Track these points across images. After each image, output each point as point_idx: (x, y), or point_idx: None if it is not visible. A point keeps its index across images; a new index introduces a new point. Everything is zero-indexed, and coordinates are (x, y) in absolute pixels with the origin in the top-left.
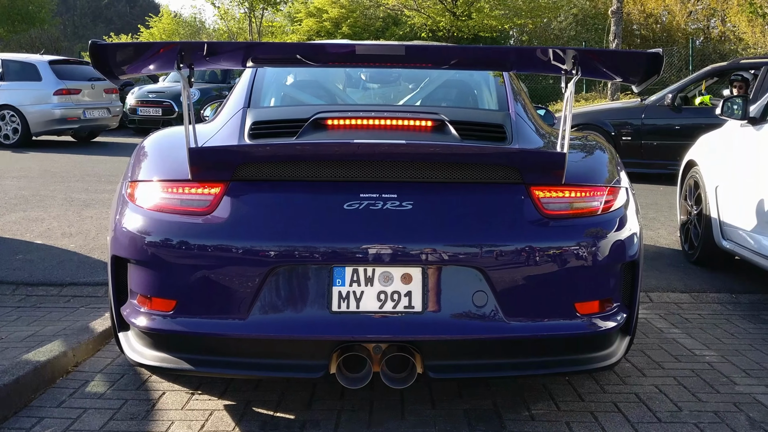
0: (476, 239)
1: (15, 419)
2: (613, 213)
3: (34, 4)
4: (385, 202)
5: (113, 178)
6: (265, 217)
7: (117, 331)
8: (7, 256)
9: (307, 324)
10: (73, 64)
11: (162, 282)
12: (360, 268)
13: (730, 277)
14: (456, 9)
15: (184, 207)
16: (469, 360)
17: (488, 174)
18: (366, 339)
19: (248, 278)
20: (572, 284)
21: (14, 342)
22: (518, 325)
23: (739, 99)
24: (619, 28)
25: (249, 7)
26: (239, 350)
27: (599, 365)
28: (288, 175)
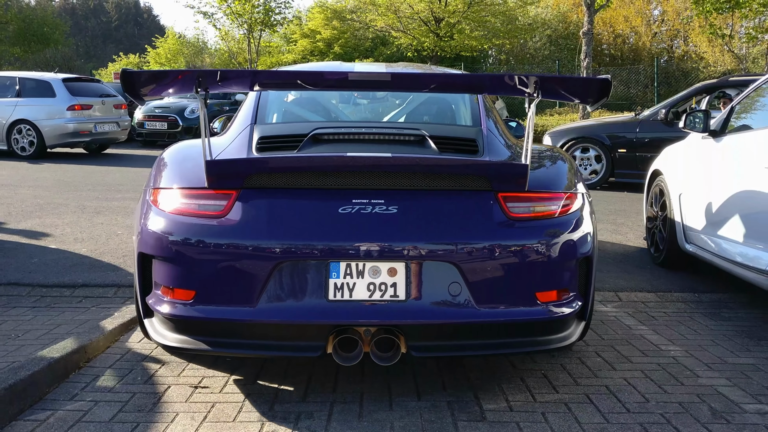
0: (451, 238)
1: (30, 411)
2: (569, 215)
3: (48, 26)
4: (374, 206)
5: (122, 187)
6: (272, 220)
7: (142, 318)
8: (23, 260)
9: (308, 311)
10: (85, 81)
11: (183, 275)
12: (352, 263)
13: (693, 278)
14: (439, 30)
15: (202, 211)
16: (446, 341)
17: (462, 182)
18: (358, 323)
19: (257, 272)
20: (533, 276)
21: (30, 339)
22: (487, 311)
23: (700, 113)
24: (590, 48)
25: (248, 29)
26: (249, 333)
27: (557, 345)
28: (291, 183)
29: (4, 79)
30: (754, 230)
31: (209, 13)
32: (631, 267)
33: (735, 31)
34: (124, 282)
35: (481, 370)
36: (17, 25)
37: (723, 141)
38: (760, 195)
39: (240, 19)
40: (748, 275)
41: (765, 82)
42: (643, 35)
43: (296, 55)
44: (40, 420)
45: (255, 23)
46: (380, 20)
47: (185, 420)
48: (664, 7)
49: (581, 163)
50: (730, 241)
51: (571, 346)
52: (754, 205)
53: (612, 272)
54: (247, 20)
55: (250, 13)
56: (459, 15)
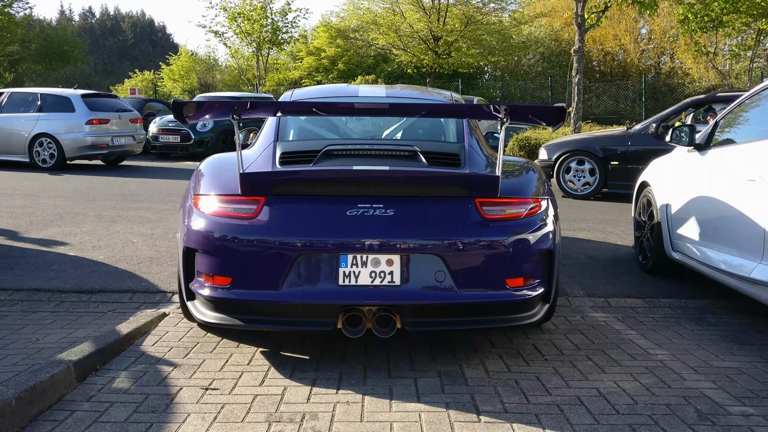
0: (437, 235)
1: (50, 412)
2: (534, 217)
3: (68, 44)
4: (375, 209)
5: (138, 197)
6: (293, 221)
7: (185, 301)
8: (44, 267)
9: (322, 293)
10: (102, 97)
11: (221, 265)
12: (358, 255)
13: (679, 285)
14: (437, 48)
15: (236, 213)
16: (433, 318)
17: (446, 190)
18: (362, 304)
19: (281, 262)
20: (504, 266)
21: (50, 343)
22: (466, 294)
23: (686, 128)
24: (580, 65)
25: (256, 47)
26: (274, 311)
27: (524, 323)
28: (308, 191)
29: (26, 95)
30: (737, 239)
31: (220, 32)
32: (621, 274)
33: (719, 49)
34: (139, 288)
35: (477, 368)
36: (39, 43)
37: (708, 154)
38: (743, 206)
39: (249, 38)
40: (731, 282)
41: (747, 98)
42: (631, 52)
43: (302, 72)
44: (58, 420)
45: (263, 42)
46: (382, 39)
47: (196, 420)
48: (651, 26)
49: (576, 175)
50: (715, 250)
51: (539, 324)
52: (737, 215)
53: (602, 279)
54: (255, 39)
55: (259, 32)
56: (456, 34)
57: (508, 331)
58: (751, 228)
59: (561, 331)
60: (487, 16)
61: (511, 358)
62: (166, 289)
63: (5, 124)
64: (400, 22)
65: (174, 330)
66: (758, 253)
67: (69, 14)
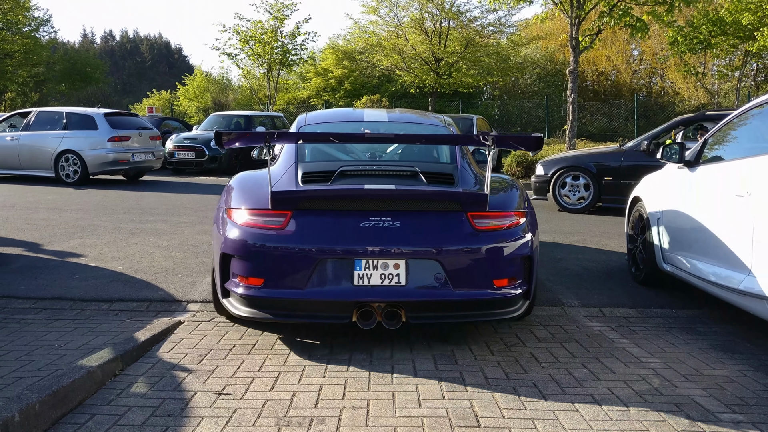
0: (435, 243)
1: (71, 415)
2: (516, 228)
3: (90, 66)
4: (384, 222)
5: (155, 210)
6: (315, 231)
7: (221, 298)
8: (66, 277)
9: (340, 292)
10: (124, 115)
11: (255, 268)
12: (370, 260)
13: (670, 295)
14: (439, 69)
15: (267, 225)
16: (432, 313)
17: (443, 206)
18: (373, 301)
19: (306, 266)
20: (491, 269)
21: (71, 349)
22: (460, 292)
23: (676, 145)
24: (575, 85)
25: (267, 68)
26: (300, 307)
27: (509, 316)
28: (328, 206)
29: (53, 114)
30: (726, 252)
31: (233, 54)
32: (614, 284)
33: (707, 69)
34: (156, 297)
35: (476, 375)
36: (63, 65)
37: (697, 171)
38: (731, 220)
39: (260, 60)
40: (721, 293)
41: (735, 117)
42: (623, 73)
43: (310, 91)
44: (79, 423)
45: (274, 63)
46: (386, 60)
47: (210, 424)
48: (642, 48)
49: (571, 189)
50: (705, 262)
51: (521, 317)
52: (726, 229)
53: (596, 289)
54: (266, 60)
55: (270, 54)
56: (457, 55)
57: (506, 340)
58: (739, 241)
59: (557, 339)
60: (486, 38)
61: (509, 365)
62: (181, 298)
63: (33, 141)
64: (404, 44)
65: (188, 337)
66: (746, 265)
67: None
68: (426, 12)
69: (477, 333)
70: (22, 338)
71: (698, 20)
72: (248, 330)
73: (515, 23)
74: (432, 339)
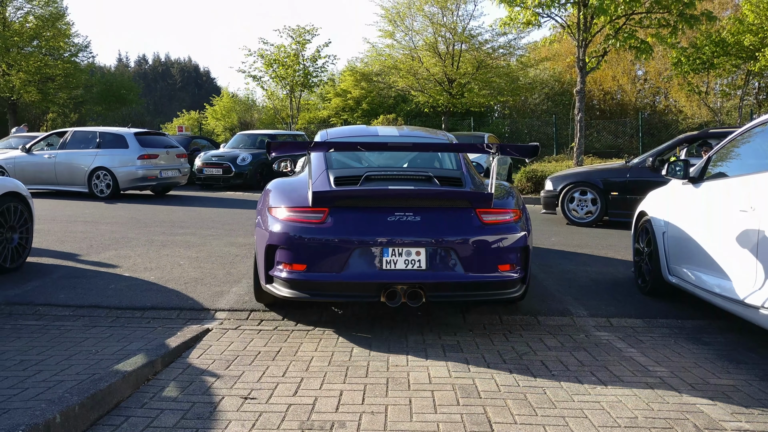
0: (450, 235)
1: (108, 417)
2: (516, 223)
3: (125, 88)
4: (407, 216)
5: (184, 223)
6: (350, 225)
7: (264, 284)
8: (102, 286)
9: (371, 275)
10: (152, 135)
11: (299, 256)
12: (396, 248)
13: (676, 306)
14: (452, 90)
15: (308, 219)
16: (447, 292)
17: (455, 203)
18: (398, 283)
19: (342, 254)
20: (495, 256)
21: (107, 355)
22: (471, 275)
23: (681, 162)
24: (582, 104)
25: (290, 90)
26: (336, 288)
27: (509, 297)
28: (359, 204)
29: (87, 133)
30: (730, 265)
31: (258, 76)
32: (621, 296)
33: (710, 88)
34: (186, 305)
35: (489, 382)
36: (100, 87)
37: (701, 187)
38: (736, 234)
39: (283, 82)
40: (726, 305)
41: (738, 135)
42: (628, 92)
43: (330, 111)
44: (115, 425)
45: (296, 85)
46: (401, 81)
47: (237, 427)
48: (646, 68)
49: (579, 204)
50: (709, 275)
51: (519, 299)
52: (731, 243)
53: (604, 300)
54: (289, 82)
55: (292, 77)
56: (469, 76)
57: (518, 349)
58: (743, 255)
59: (566, 348)
60: (497, 60)
61: (520, 373)
62: (209, 306)
63: (69, 159)
64: (418, 66)
65: (216, 344)
66: (750, 278)
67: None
68: (439, 36)
69: (490, 342)
70: (62, 344)
71: (701, 41)
72: (272, 337)
73: (524, 46)
74: (447, 348)
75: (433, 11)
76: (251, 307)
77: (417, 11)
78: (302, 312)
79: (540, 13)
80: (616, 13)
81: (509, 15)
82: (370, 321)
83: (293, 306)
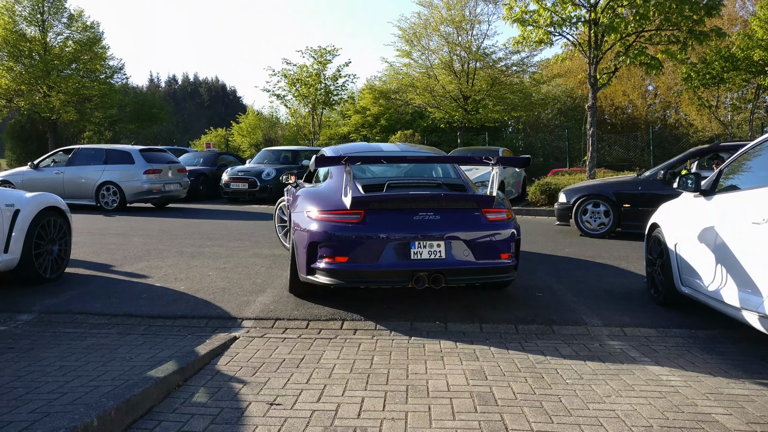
0: (463, 230)
1: (141, 421)
2: (510, 220)
3: (156, 107)
4: (428, 216)
5: (213, 235)
6: (383, 223)
7: (306, 276)
8: (135, 296)
9: (402, 264)
10: (156, 151)
11: (341, 250)
12: (421, 242)
13: (688, 316)
14: (467, 106)
15: (347, 220)
16: (462, 276)
17: (465, 204)
18: (424, 270)
19: (377, 247)
20: (498, 246)
21: (141, 362)
22: (480, 262)
23: (692, 175)
24: (594, 119)
25: (312, 107)
26: (373, 276)
27: (507, 279)
28: (388, 206)
29: (92, 150)
30: (743, 276)
31: (281, 95)
32: (634, 305)
33: (721, 102)
34: (214, 314)
35: (506, 390)
36: (133, 107)
37: (713, 199)
38: (748, 246)
39: (305, 100)
40: (739, 315)
41: (750, 148)
42: (639, 107)
43: (350, 127)
44: (148, 429)
45: (317, 103)
46: (418, 98)
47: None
48: (656, 83)
49: (592, 216)
50: (722, 285)
51: (510, 282)
52: (743, 254)
53: (617, 310)
54: (311, 100)
55: (314, 95)
56: (483, 93)
57: (533, 357)
58: (756, 266)
59: (581, 357)
60: (510, 77)
61: (536, 381)
62: (236, 315)
63: (77, 174)
64: (434, 84)
65: (243, 351)
66: (764, 289)
67: (157, 81)
68: (455, 54)
69: (506, 351)
70: (99, 351)
71: (711, 57)
72: (296, 345)
73: (537, 63)
74: (464, 357)
75: (449, 31)
76: (276, 315)
77: (433, 31)
78: (324, 321)
79: (552, 31)
80: (626, 31)
81: (522, 34)
82: (390, 330)
83: (315, 314)
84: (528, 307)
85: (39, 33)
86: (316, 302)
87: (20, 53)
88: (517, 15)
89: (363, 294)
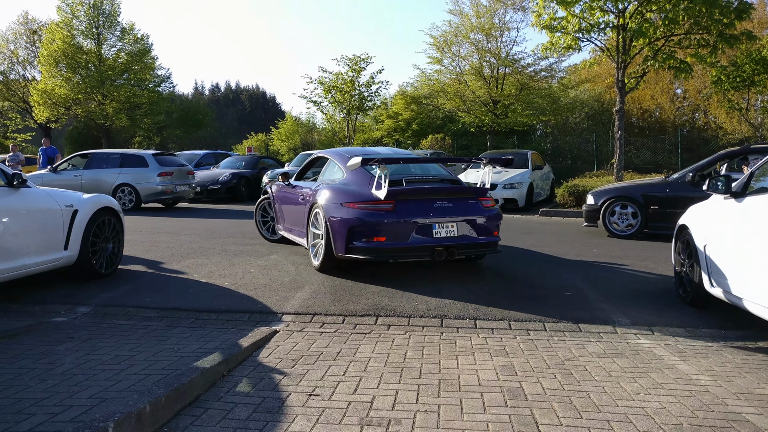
0: (468, 214)
1: (189, 408)
2: (496, 207)
3: (201, 114)
4: (444, 204)
5: (253, 234)
6: (410, 210)
7: (345, 253)
8: (182, 291)
9: (426, 241)
10: (167, 155)
11: (378, 231)
12: (440, 223)
13: (717, 316)
14: (496, 110)
15: (381, 208)
16: (469, 249)
17: (468, 195)
18: (442, 245)
19: (407, 229)
20: (491, 226)
21: (188, 353)
22: (481, 238)
23: (722, 177)
24: (621, 122)
25: (347, 113)
26: (403, 251)
27: (495, 251)
28: (413, 197)
29: (108, 155)
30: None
31: (318, 101)
32: (662, 306)
33: (751, 104)
34: (255, 309)
35: (535, 386)
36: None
37: (744, 201)
38: None
39: (340, 106)
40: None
41: None
42: (667, 110)
43: (383, 132)
44: (195, 416)
45: (352, 108)
46: (449, 103)
47: (302, 421)
48: (685, 86)
49: (620, 217)
50: (752, 286)
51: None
52: None
53: (646, 309)
54: (345, 107)
55: (348, 101)
56: (512, 98)
57: (561, 354)
58: None
59: (609, 355)
60: (539, 82)
61: (565, 377)
62: (276, 310)
63: (95, 177)
64: (464, 89)
65: (283, 344)
66: None
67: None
68: (484, 61)
69: (535, 348)
70: (149, 342)
71: (741, 60)
72: (333, 339)
73: (565, 68)
74: (494, 353)
75: (479, 38)
76: (314, 311)
77: (463, 39)
78: (359, 317)
79: (580, 37)
80: (655, 36)
81: (551, 40)
82: (422, 326)
83: (351, 310)
84: (556, 305)
85: (94, 45)
86: (351, 298)
87: (77, 65)
88: (546, 22)
89: (395, 291)
